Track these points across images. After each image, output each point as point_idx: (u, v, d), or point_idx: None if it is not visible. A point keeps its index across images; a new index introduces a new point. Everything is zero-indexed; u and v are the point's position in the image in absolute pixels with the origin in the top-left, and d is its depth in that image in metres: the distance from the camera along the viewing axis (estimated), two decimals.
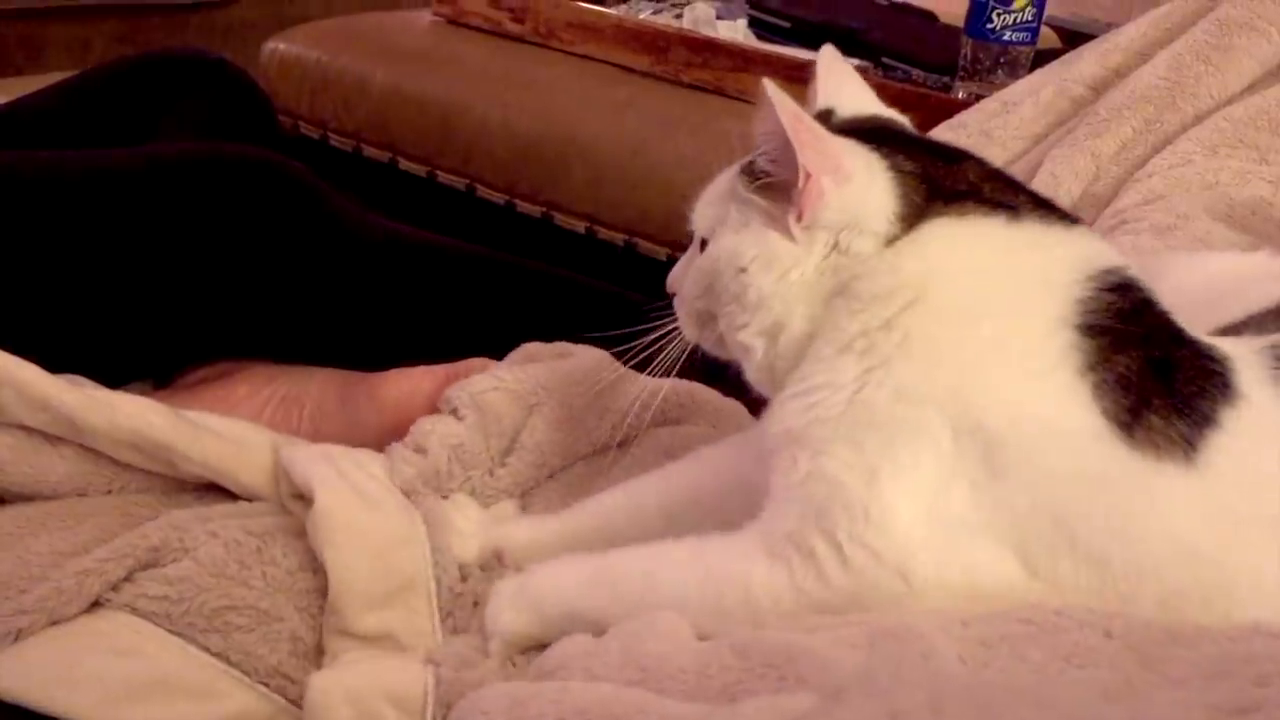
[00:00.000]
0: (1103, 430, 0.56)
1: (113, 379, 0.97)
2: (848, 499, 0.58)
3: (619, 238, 1.65)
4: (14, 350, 0.94)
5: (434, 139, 1.76)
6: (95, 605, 0.72)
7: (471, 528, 0.80)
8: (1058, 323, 0.59)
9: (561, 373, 0.89)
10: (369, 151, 1.82)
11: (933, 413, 0.57)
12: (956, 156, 0.68)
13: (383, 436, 0.92)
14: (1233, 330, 0.72)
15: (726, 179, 0.70)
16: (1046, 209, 0.65)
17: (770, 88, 0.61)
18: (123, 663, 0.69)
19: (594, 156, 1.64)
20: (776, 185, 0.64)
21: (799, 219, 0.63)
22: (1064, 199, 1.26)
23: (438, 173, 1.78)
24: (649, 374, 0.73)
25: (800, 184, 0.62)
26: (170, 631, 0.72)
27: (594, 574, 0.68)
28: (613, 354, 0.91)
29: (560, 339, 0.96)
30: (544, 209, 1.69)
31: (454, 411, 0.85)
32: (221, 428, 0.82)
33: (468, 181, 1.75)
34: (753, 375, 0.68)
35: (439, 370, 0.92)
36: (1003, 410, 0.57)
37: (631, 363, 0.75)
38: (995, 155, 1.33)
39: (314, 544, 0.74)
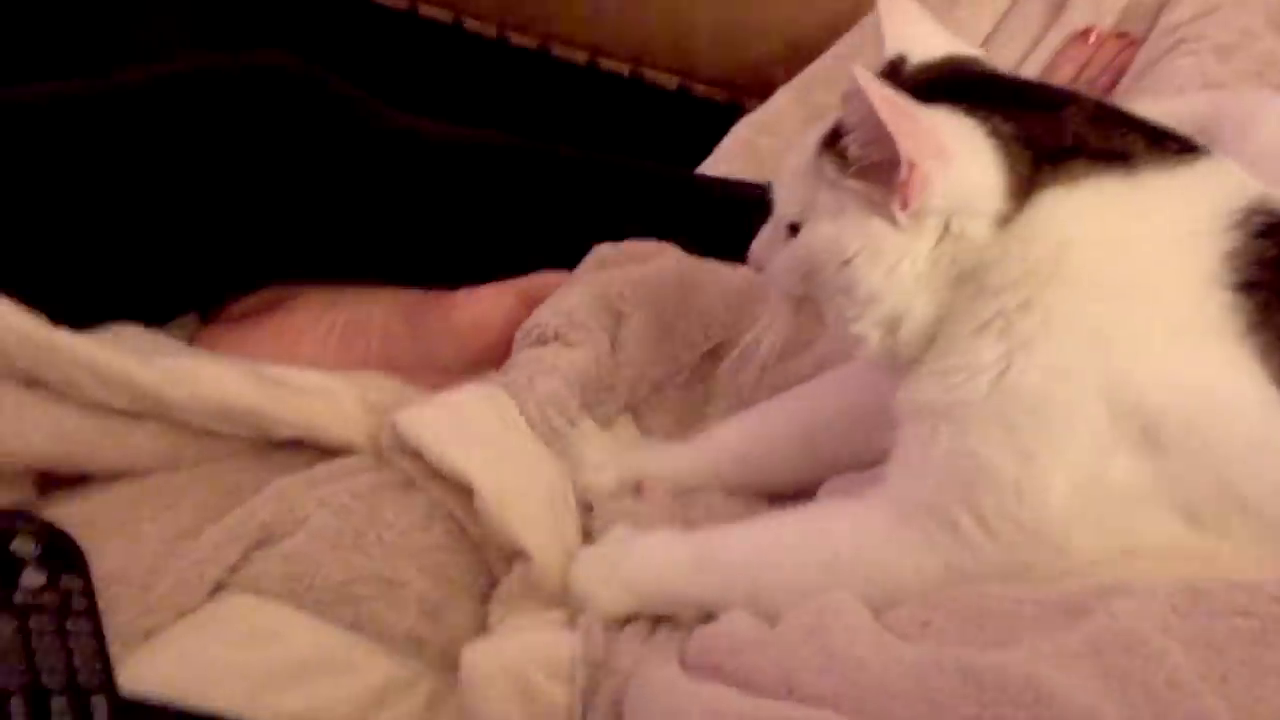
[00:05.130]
0: (1270, 396, 0.54)
1: (156, 315, 0.94)
2: (998, 478, 0.57)
3: (623, 68, 1.58)
4: (50, 295, 0.90)
5: None
6: (217, 588, 0.71)
7: (603, 457, 0.78)
8: (1209, 284, 0.56)
9: (642, 279, 0.85)
10: None
11: (1087, 392, 0.55)
12: (1054, 101, 0.63)
13: (460, 362, 0.89)
14: None
15: (807, 155, 0.64)
16: (1162, 144, 0.61)
17: (861, 75, 0.57)
18: (262, 650, 0.69)
19: None
20: (872, 168, 0.60)
21: (903, 208, 0.59)
22: (1109, 7, 1.21)
23: (420, 5, 1.67)
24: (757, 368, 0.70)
25: (904, 174, 0.58)
26: (299, 610, 0.71)
27: (697, 558, 0.67)
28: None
29: (629, 234, 0.92)
30: (540, 40, 1.61)
31: (556, 337, 0.81)
32: (303, 382, 0.79)
33: (454, 14, 1.64)
34: (868, 358, 0.65)
35: (509, 288, 0.89)
36: (1161, 386, 0.55)
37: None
38: None
39: (493, 530, 0.72)
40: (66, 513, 0.72)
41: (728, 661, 0.57)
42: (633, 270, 0.86)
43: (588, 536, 0.76)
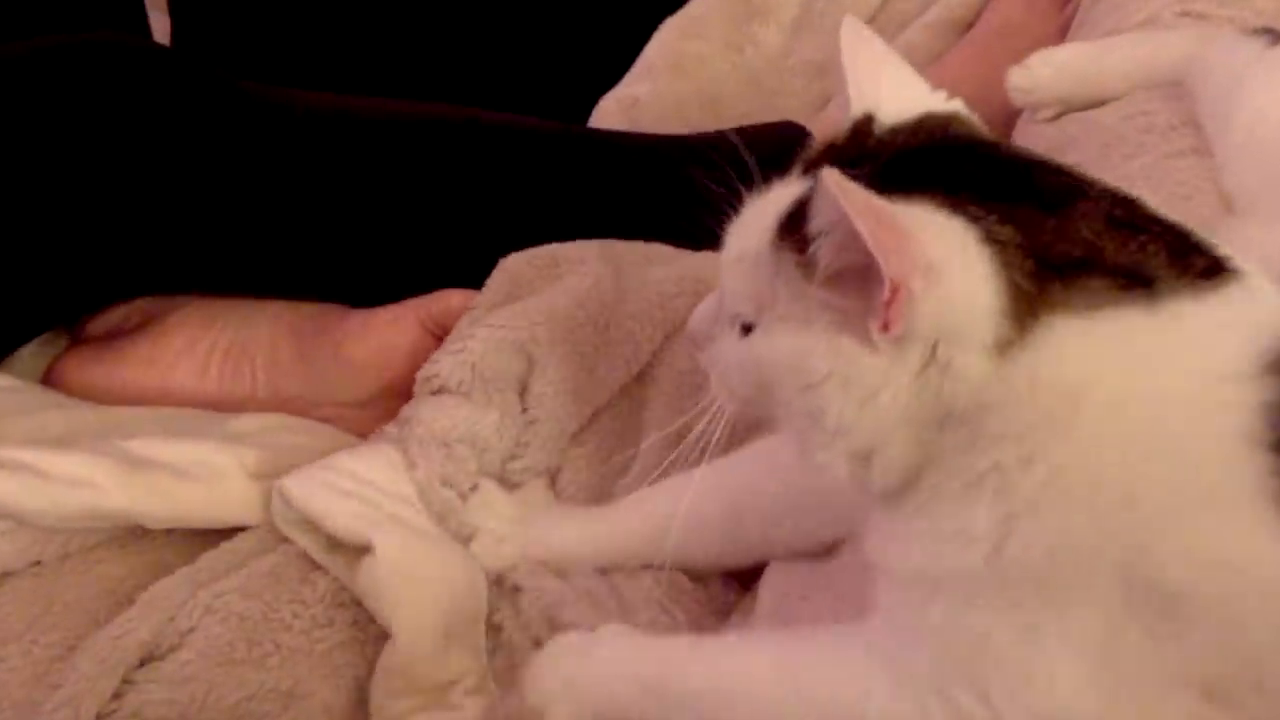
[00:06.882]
0: None
1: (13, 335, 0.83)
2: (1001, 657, 0.51)
3: None
4: None
5: None
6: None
7: (504, 528, 0.71)
8: (1244, 442, 0.48)
9: (553, 313, 0.76)
10: None
11: (1100, 567, 0.49)
12: (1060, 190, 0.52)
13: (356, 395, 0.81)
14: None
15: (761, 239, 0.53)
16: (1187, 259, 0.51)
17: (832, 179, 0.46)
18: None
19: None
20: (845, 274, 0.49)
21: (884, 330, 0.49)
22: None
23: None
24: (700, 460, 0.61)
25: (885, 294, 0.48)
26: None
27: (654, 681, 0.61)
28: None
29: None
30: None
31: (459, 388, 0.73)
32: (180, 459, 0.70)
33: None
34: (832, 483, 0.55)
35: (407, 313, 0.79)
36: (1185, 560, 0.48)
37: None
38: None
39: (371, 599, 0.67)
40: None
41: None
42: (544, 299, 0.77)
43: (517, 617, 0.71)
